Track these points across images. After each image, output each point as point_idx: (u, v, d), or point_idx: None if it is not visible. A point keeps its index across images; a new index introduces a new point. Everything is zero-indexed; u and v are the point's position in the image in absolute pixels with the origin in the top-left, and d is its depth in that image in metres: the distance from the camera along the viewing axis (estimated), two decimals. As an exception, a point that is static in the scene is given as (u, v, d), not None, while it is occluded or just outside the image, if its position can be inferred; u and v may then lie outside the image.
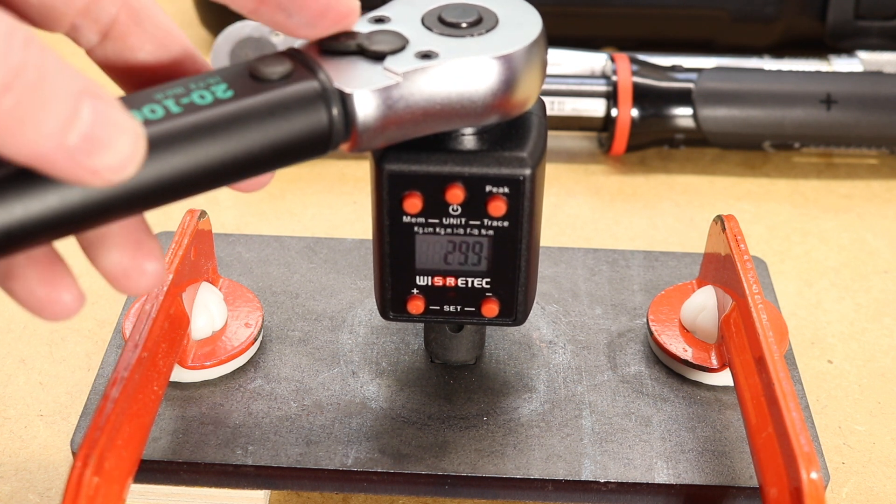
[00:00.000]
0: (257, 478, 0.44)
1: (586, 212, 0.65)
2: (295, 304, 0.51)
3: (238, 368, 0.48)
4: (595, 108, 0.66)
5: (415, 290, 0.42)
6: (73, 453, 0.43)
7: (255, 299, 0.50)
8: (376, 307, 0.43)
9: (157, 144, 0.31)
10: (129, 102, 0.32)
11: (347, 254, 0.54)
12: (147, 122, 0.31)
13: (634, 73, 0.66)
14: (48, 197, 0.30)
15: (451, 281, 0.41)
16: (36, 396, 0.51)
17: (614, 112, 0.65)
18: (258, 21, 0.34)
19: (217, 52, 0.68)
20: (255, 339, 0.48)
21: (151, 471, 0.44)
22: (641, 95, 0.65)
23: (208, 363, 0.47)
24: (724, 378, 0.47)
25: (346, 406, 0.46)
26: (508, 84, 0.36)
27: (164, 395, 0.43)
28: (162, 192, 0.31)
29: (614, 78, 0.66)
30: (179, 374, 0.47)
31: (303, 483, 0.44)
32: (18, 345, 0.54)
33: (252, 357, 0.48)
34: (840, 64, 0.71)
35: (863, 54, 0.72)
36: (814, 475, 0.37)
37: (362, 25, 0.37)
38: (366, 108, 0.34)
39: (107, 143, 0.29)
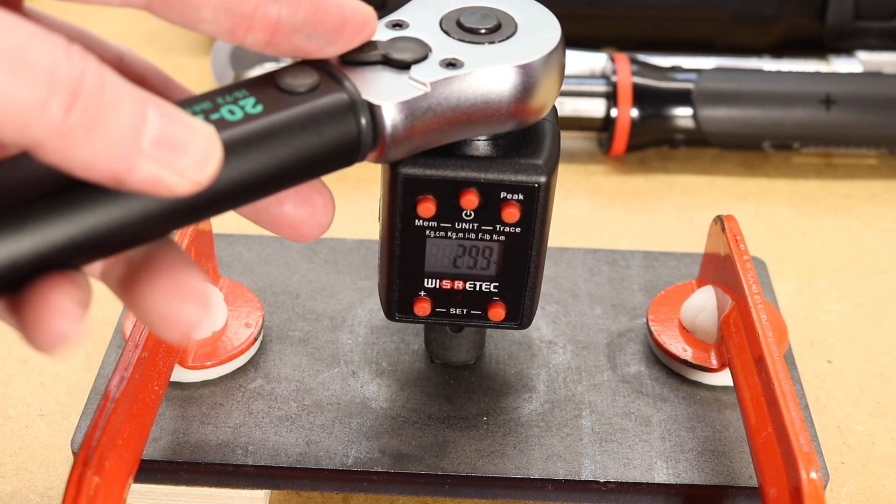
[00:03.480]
0: (257, 478, 0.44)
1: (586, 212, 0.65)
2: (295, 304, 0.51)
3: (238, 368, 0.48)
4: (595, 108, 0.66)
5: (422, 293, 0.42)
6: (74, 453, 0.43)
7: (256, 299, 0.50)
8: (377, 307, 0.43)
9: None
10: None
11: (347, 254, 0.54)
12: None
13: (634, 74, 0.66)
14: (84, 218, 0.29)
15: (458, 284, 0.41)
16: (36, 396, 0.51)
17: (614, 112, 0.65)
18: (277, 54, 0.33)
19: (217, 53, 0.68)
20: (256, 339, 0.48)
21: (152, 471, 0.44)
22: (641, 96, 0.65)
23: (208, 363, 0.47)
24: (723, 378, 0.47)
25: (346, 406, 0.46)
26: (531, 92, 0.36)
27: (164, 394, 0.44)
28: (194, 211, 0.31)
29: (614, 78, 0.66)
30: (180, 374, 0.47)
31: (303, 483, 0.44)
32: (19, 345, 0.54)
33: (252, 357, 0.48)
34: (839, 64, 0.71)
35: (862, 54, 0.72)
36: (813, 475, 0.37)
37: (381, 32, 0.36)
38: (394, 118, 0.34)
39: (182, 144, 0.29)
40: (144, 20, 0.83)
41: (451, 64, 0.35)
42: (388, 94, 0.34)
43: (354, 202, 0.64)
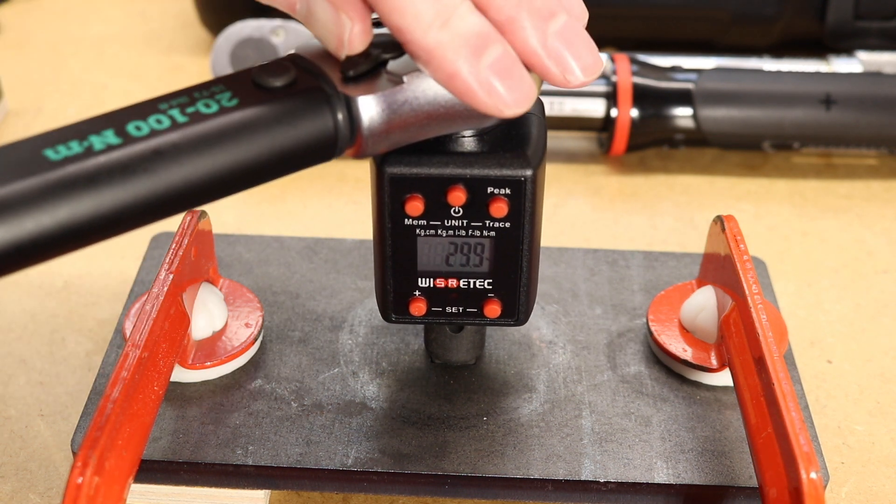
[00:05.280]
0: (257, 478, 0.44)
1: (586, 212, 0.65)
2: (295, 304, 0.51)
3: (238, 368, 0.48)
4: (595, 108, 0.66)
5: (417, 292, 0.42)
6: (74, 453, 0.43)
7: (256, 299, 0.50)
8: (376, 307, 0.43)
9: (165, 154, 0.31)
10: (133, 113, 0.32)
11: (347, 254, 0.54)
12: (153, 133, 0.31)
13: (634, 74, 0.66)
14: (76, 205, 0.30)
15: (452, 282, 0.41)
16: (36, 396, 0.51)
17: (614, 112, 0.65)
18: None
19: (217, 53, 0.68)
20: (256, 339, 0.48)
21: (152, 471, 0.44)
22: (641, 96, 0.65)
23: (208, 363, 0.47)
24: (723, 378, 0.47)
25: (346, 406, 0.46)
26: None
27: (164, 394, 0.44)
28: (169, 204, 0.31)
29: (614, 78, 0.66)
30: (180, 374, 0.47)
31: (303, 483, 0.44)
32: (19, 345, 0.54)
33: (252, 357, 0.48)
34: (839, 64, 0.71)
35: (862, 55, 0.72)
36: (813, 475, 0.37)
37: None
38: (370, 112, 0.34)
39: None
40: (144, 20, 0.83)
41: None
42: (364, 89, 0.34)
43: (354, 202, 0.65)
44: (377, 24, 0.37)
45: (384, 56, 0.35)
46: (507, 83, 0.33)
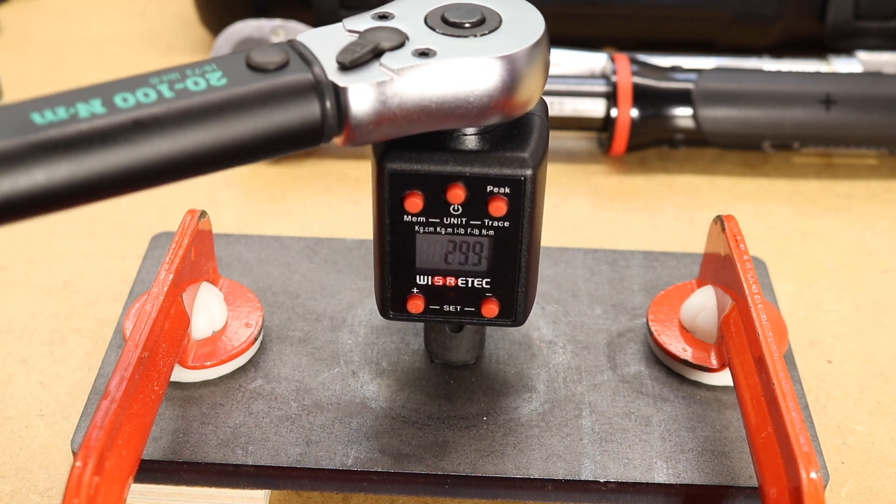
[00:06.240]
0: (257, 478, 0.44)
1: (586, 212, 0.65)
2: (295, 304, 0.51)
3: (238, 368, 0.48)
4: (595, 108, 0.66)
5: (415, 290, 0.42)
6: (74, 453, 0.43)
7: (256, 299, 0.50)
8: (376, 306, 0.43)
9: (147, 127, 0.31)
10: (124, 86, 0.32)
11: (347, 254, 0.54)
12: (138, 105, 0.31)
13: (634, 74, 0.66)
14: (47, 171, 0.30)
15: (451, 281, 0.41)
16: (36, 396, 0.51)
17: (614, 112, 0.65)
18: None
19: (217, 53, 0.68)
20: (256, 339, 0.48)
21: (152, 471, 0.44)
22: (641, 96, 0.65)
23: (208, 363, 0.47)
24: (723, 378, 0.47)
25: (346, 406, 0.46)
26: (509, 85, 0.36)
27: (164, 394, 0.44)
28: (146, 176, 0.32)
29: (614, 78, 0.66)
30: (180, 374, 0.47)
31: (303, 483, 0.44)
32: (19, 345, 0.54)
33: (252, 357, 0.48)
34: (839, 64, 0.71)
35: (862, 54, 0.72)
36: (813, 475, 0.37)
37: (365, 22, 0.37)
38: (359, 102, 0.35)
39: None
40: (144, 20, 0.83)
41: (423, 54, 0.36)
42: (354, 77, 0.34)
43: (354, 202, 0.65)
44: (380, 17, 0.37)
45: (382, 47, 0.36)
46: None
